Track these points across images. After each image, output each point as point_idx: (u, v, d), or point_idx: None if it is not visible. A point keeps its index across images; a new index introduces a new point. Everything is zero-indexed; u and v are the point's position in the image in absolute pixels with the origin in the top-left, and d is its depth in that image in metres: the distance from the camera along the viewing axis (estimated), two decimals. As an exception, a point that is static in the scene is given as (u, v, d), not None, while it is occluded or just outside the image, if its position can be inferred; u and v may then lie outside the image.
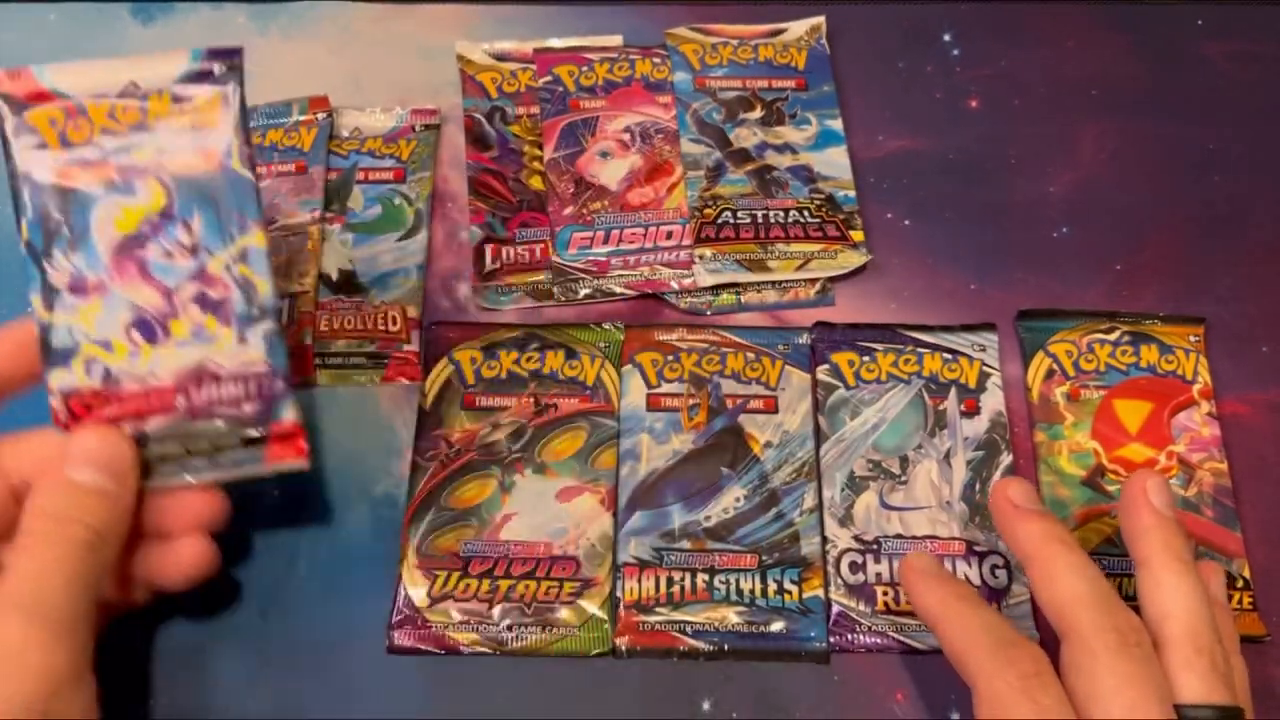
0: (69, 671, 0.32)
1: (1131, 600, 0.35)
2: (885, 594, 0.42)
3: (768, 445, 0.45)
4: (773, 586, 0.42)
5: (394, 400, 0.47)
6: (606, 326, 0.48)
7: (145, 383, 0.36)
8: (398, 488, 0.45)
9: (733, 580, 0.43)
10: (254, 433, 0.37)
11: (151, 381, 0.36)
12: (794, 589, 0.42)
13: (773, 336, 0.48)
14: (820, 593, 0.42)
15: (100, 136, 0.35)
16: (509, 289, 0.49)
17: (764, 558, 0.43)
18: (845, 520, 0.44)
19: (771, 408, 0.46)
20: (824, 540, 0.43)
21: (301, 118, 0.52)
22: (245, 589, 0.43)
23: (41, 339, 0.36)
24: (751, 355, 0.47)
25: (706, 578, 0.43)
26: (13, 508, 0.35)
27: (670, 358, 0.47)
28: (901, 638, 0.42)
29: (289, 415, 0.38)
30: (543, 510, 0.44)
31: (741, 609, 0.42)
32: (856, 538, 0.43)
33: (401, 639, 0.41)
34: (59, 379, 0.36)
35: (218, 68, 0.36)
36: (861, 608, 0.42)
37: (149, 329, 0.36)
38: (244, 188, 0.36)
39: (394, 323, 0.48)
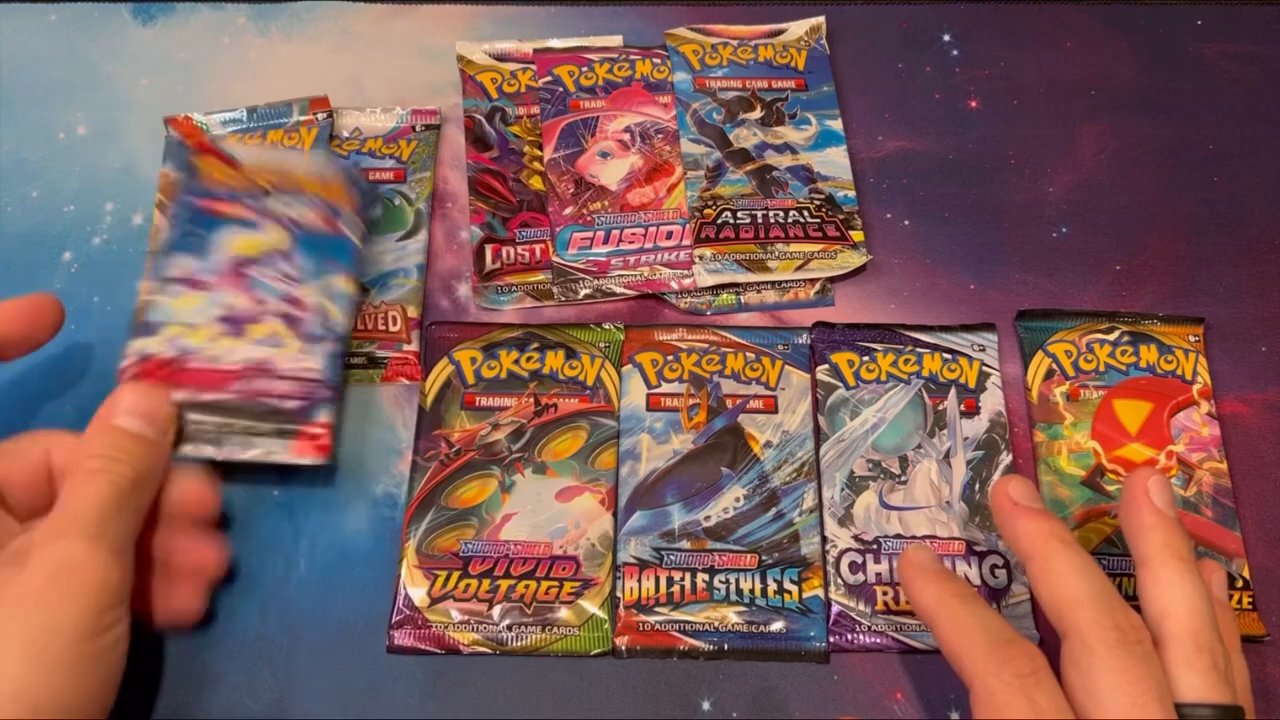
0: (121, 591, 0.36)
1: (1132, 600, 0.35)
2: (885, 594, 0.42)
3: (768, 445, 0.45)
4: (772, 586, 0.42)
5: (394, 400, 0.47)
6: (606, 326, 0.48)
7: (214, 364, 0.42)
8: (398, 488, 0.45)
9: (733, 580, 0.43)
10: (290, 425, 0.42)
11: (219, 364, 0.42)
12: (794, 589, 0.42)
13: (772, 336, 0.48)
14: (820, 593, 0.42)
15: (253, 188, 0.45)
16: (509, 289, 0.49)
17: (764, 558, 0.43)
18: (845, 520, 0.44)
19: (771, 408, 0.46)
20: (824, 540, 0.43)
21: (301, 118, 0.52)
22: (245, 589, 0.43)
23: (137, 314, 0.43)
24: (751, 355, 0.47)
25: (706, 577, 0.43)
26: (47, 491, 0.39)
27: (670, 358, 0.47)
28: (901, 637, 0.42)
29: (324, 417, 0.43)
30: (543, 510, 0.44)
31: (741, 609, 0.42)
32: (856, 537, 0.43)
33: (401, 639, 0.41)
34: (139, 345, 0.42)
35: (356, 173, 0.47)
36: (861, 607, 0.42)
37: (233, 324, 0.43)
38: (348, 247, 0.46)
39: (394, 323, 0.48)
